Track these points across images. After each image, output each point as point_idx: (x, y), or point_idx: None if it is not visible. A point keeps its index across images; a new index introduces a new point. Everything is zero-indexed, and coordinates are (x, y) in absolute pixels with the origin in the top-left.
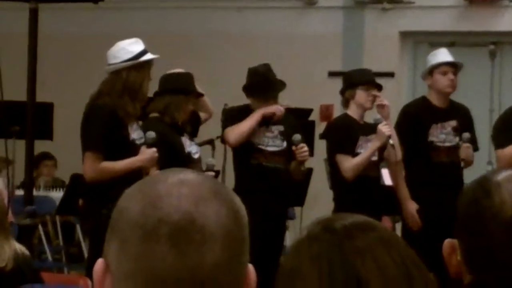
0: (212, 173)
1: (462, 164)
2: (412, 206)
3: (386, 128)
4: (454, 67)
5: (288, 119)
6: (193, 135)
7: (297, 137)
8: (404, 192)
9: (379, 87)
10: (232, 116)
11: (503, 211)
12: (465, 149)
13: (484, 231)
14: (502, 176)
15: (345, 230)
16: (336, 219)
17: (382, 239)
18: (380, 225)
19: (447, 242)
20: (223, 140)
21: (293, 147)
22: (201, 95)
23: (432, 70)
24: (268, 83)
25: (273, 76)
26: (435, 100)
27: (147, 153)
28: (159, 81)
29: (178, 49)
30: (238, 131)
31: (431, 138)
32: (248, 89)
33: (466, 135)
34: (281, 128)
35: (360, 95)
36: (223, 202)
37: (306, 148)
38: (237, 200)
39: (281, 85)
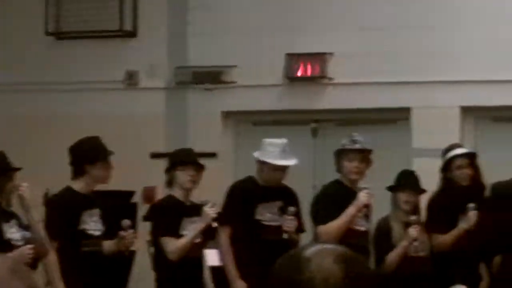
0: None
1: (285, 236)
2: (241, 285)
3: (211, 210)
4: None
5: None
6: None
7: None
8: (233, 271)
9: (200, 167)
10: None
11: (313, 286)
12: (288, 221)
13: None
14: (311, 251)
15: None
16: None
17: None
18: None
19: None
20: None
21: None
22: (18, 169)
23: None
24: None
25: None
26: (261, 180)
27: None
28: None
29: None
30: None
31: (258, 216)
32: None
33: (291, 209)
34: None
35: (179, 175)
36: None
37: None
38: None
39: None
